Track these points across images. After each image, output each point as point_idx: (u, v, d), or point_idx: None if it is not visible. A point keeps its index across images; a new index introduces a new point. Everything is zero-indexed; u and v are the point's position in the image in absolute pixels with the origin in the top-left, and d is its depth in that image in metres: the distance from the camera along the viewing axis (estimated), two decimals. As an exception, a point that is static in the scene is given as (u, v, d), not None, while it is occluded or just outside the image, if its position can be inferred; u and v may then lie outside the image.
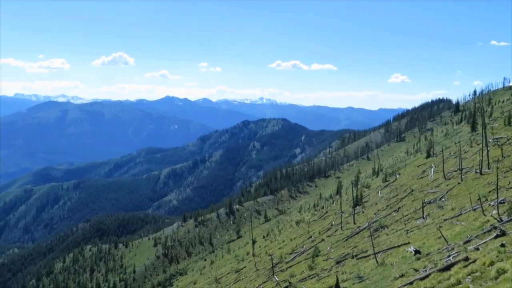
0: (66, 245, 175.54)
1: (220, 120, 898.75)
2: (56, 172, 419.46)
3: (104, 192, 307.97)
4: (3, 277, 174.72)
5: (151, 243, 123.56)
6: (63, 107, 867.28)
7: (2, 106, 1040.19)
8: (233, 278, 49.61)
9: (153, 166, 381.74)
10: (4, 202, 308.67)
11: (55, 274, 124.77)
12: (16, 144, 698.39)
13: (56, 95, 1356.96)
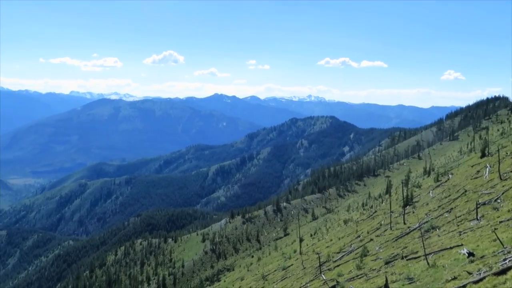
0: (118, 239, 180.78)
1: (268, 117, 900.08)
2: (108, 168, 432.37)
3: (154, 187, 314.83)
4: (59, 268, 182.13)
5: (199, 239, 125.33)
6: (115, 105, 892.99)
7: (59, 104, 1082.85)
8: (280, 276, 49.65)
9: (201, 162, 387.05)
10: (60, 196, 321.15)
11: (107, 266, 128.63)
12: (71, 140, 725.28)
13: (109, 93, 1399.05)
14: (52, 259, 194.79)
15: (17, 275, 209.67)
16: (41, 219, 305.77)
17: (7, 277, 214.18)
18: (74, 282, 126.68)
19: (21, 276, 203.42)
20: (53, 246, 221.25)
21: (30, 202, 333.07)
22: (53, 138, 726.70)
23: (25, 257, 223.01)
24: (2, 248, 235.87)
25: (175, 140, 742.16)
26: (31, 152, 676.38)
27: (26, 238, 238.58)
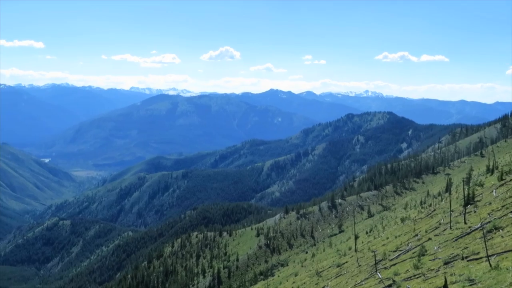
0: (175, 231, 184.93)
1: (323, 113, 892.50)
2: (166, 161, 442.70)
3: (210, 181, 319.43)
4: (119, 257, 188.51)
5: (253, 233, 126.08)
6: (173, 100, 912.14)
7: (120, 99, 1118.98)
8: (335, 272, 49.13)
9: (256, 158, 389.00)
10: (120, 188, 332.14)
11: (164, 258, 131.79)
12: (131, 134, 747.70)
13: (167, 89, 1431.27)
14: (113, 249, 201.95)
15: (80, 263, 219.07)
16: (102, 210, 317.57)
17: (71, 264, 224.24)
18: (133, 272, 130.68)
19: (84, 264, 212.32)
20: (113, 237, 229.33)
21: (92, 193, 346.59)
22: (114, 133, 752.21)
23: (87, 246, 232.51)
24: (67, 237, 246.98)
25: (231, 135, 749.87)
26: (93, 146, 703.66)
27: (89, 228, 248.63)
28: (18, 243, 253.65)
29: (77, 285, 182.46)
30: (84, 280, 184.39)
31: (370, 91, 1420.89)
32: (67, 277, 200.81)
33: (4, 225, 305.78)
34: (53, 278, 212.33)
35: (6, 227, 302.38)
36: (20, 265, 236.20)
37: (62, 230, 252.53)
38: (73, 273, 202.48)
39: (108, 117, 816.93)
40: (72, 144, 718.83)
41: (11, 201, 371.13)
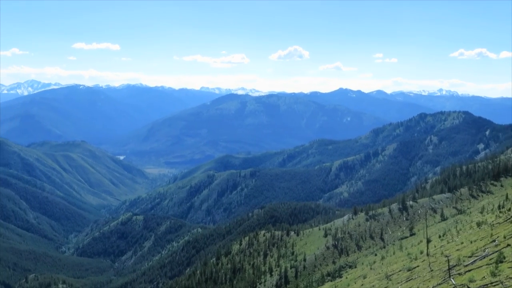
0: (243, 229, 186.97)
1: (394, 112, 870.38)
2: (235, 160, 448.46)
3: (278, 181, 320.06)
4: (188, 253, 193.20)
5: (321, 233, 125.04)
6: (242, 99, 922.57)
7: (190, 99, 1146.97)
8: (405, 276, 47.73)
9: (324, 157, 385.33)
10: (190, 186, 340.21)
11: (232, 255, 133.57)
12: (201, 133, 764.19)
13: (236, 88, 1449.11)
14: (183, 245, 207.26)
15: (152, 257, 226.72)
16: (173, 206, 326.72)
17: (143, 258, 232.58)
18: (202, 267, 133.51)
19: (155, 258, 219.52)
20: (183, 233, 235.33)
21: (163, 190, 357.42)
22: (184, 131, 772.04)
23: (159, 241, 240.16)
24: (139, 231, 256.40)
25: (299, 134, 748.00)
26: (165, 144, 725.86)
27: (160, 223, 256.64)
28: (95, 236, 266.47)
29: (149, 279, 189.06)
30: (156, 274, 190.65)
31: (444, 89, 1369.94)
32: (140, 270, 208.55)
33: (82, 218, 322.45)
34: (126, 271, 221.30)
35: (84, 221, 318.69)
36: (97, 257, 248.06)
37: (136, 225, 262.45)
38: (145, 267, 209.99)
39: (179, 116, 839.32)
40: (145, 142, 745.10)
41: (88, 196, 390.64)
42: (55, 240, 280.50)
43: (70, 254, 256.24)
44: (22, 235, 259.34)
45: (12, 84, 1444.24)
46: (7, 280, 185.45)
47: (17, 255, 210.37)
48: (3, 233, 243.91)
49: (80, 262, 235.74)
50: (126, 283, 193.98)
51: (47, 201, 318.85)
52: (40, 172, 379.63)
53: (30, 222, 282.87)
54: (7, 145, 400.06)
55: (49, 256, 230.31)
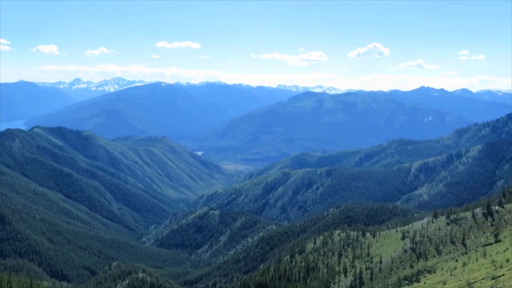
0: (317, 228, 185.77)
1: (480, 112, 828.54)
2: (310, 158, 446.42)
3: (354, 180, 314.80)
4: (262, 249, 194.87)
5: (398, 236, 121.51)
6: (319, 98, 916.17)
7: (267, 96, 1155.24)
8: (488, 285, 45.30)
9: (403, 158, 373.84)
10: (266, 183, 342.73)
11: (306, 253, 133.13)
12: (277, 130, 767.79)
13: (314, 86, 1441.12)
14: (257, 241, 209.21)
15: (227, 251, 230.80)
16: (248, 202, 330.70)
17: (219, 252, 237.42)
18: (276, 264, 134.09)
19: (230, 253, 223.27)
20: (258, 229, 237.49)
21: (239, 186, 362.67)
22: (261, 129, 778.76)
23: (234, 236, 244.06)
24: (215, 226, 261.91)
25: (377, 133, 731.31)
26: (242, 141, 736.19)
27: (235, 219, 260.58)
28: (173, 228, 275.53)
29: (223, 272, 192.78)
30: (230, 268, 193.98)
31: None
32: (215, 263, 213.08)
33: (162, 211, 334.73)
34: (202, 264, 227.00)
35: (163, 213, 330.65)
36: (175, 249, 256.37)
37: (212, 220, 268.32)
38: (221, 261, 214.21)
39: (256, 113, 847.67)
40: (223, 138, 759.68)
41: (168, 190, 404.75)
42: (136, 231, 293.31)
43: (150, 245, 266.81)
44: (107, 225, 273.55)
45: (100, 82, 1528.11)
46: (93, 266, 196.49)
47: (102, 243, 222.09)
48: (89, 222, 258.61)
49: (159, 253, 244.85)
50: (202, 275, 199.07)
51: (129, 193, 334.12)
52: (124, 165, 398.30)
53: (114, 212, 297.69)
54: (95, 139, 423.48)
55: (131, 245, 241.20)
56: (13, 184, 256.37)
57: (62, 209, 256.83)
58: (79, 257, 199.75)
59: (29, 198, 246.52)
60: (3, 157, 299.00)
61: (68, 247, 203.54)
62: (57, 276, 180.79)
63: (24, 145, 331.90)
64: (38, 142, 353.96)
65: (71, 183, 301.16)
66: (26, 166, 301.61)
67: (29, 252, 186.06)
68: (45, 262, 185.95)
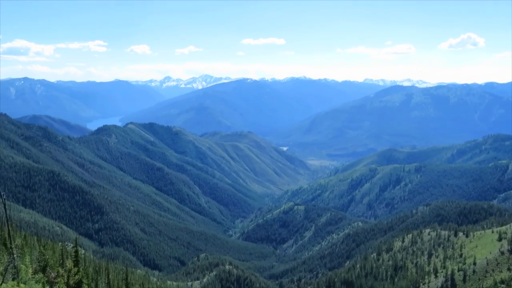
0: (405, 226, 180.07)
1: None
2: (398, 154, 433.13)
3: (445, 177, 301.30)
4: (348, 246, 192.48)
5: (494, 237, 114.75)
6: (407, 91, 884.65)
7: (353, 91, 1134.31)
8: None
9: (501, 154, 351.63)
10: (351, 179, 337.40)
11: (394, 252, 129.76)
12: (363, 126, 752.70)
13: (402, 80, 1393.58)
14: (342, 237, 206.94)
15: (312, 247, 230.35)
16: (333, 198, 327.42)
17: (303, 248, 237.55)
18: (362, 262, 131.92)
19: (315, 249, 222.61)
20: (343, 225, 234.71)
21: (324, 182, 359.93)
22: (346, 124, 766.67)
23: (319, 232, 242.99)
24: (300, 221, 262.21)
25: (471, 128, 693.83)
26: (327, 136, 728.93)
27: (320, 215, 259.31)
28: (259, 222, 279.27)
29: (308, 268, 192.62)
30: (315, 263, 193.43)
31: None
32: (300, 259, 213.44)
33: (247, 205, 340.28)
34: (287, 258, 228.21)
35: (249, 207, 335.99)
36: (260, 243, 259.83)
37: (297, 215, 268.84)
38: (305, 256, 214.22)
39: (341, 108, 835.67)
40: (308, 134, 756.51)
41: (253, 184, 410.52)
42: (223, 224, 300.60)
43: (236, 238, 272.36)
44: (195, 217, 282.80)
45: (188, 79, 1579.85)
46: (182, 257, 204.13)
47: (190, 235, 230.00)
48: (179, 214, 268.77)
49: (245, 246, 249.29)
50: (287, 270, 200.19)
51: (217, 187, 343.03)
52: (211, 160, 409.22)
53: (202, 205, 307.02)
54: (184, 135, 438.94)
55: (218, 238, 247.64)
56: (109, 177, 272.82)
57: (154, 202, 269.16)
58: (169, 248, 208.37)
59: (124, 191, 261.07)
60: (101, 151, 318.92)
61: (160, 238, 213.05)
62: (149, 265, 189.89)
63: (120, 140, 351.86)
64: (132, 137, 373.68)
65: (162, 177, 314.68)
66: (121, 160, 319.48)
67: (124, 242, 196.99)
68: (139, 252, 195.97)
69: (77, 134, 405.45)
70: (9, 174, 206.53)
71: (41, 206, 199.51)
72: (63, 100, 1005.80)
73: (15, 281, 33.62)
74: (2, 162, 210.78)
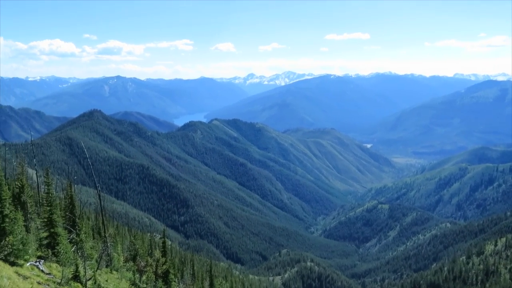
0: (498, 229, 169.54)
1: None
2: (491, 153, 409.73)
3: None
4: (435, 248, 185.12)
5: None
6: (502, 86, 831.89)
7: (442, 86, 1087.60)
8: None
9: None
10: (439, 178, 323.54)
11: (485, 256, 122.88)
12: (453, 123, 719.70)
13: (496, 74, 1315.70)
14: (429, 238, 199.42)
15: (396, 247, 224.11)
16: (419, 198, 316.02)
17: (387, 247, 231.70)
18: (450, 265, 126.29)
19: (400, 249, 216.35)
20: (430, 226, 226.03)
21: (410, 180, 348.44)
22: (434, 121, 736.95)
23: (403, 232, 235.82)
24: (384, 220, 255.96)
25: None
26: (413, 133, 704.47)
27: (406, 214, 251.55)
28: (341, 220, 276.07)
29: (392, 268, 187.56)
30: (400, 264, 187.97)
31: None
32: (383, 258, 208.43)
33: (329, 202, 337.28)
34: (370, 258, 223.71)
35: (331, 205, 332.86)
36: (342, 241, 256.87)
37: (380, 214, 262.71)
38: (389, 256, 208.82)
39: (429, 104, 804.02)
40: (392, 131, 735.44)
41: (336, 182, 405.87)
42: (304, 221, 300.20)
43: (317, 235, 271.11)
44: (277, 213, 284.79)
45: (271, 76, 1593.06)
46: (264, 252, 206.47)
47: (272, 230, 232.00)
48: (261, 210, 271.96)
49: (327, 244, 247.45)
50: (370, 269, 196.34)
51: (299, 183, 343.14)
52: (294, 156, 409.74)
53: (284, 201, 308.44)
54: (267, 131, 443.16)
55: (300, 234, 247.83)
56: (195, 171, 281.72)
57: (237, 196, 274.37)
58: (251, 242, 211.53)
59: (208, 185, 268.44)
60: (187, 147, 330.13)
61: (242, 232, 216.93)
62: (232, 258, 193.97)
63: (205, 136, 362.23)
64: (216, 133, 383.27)
65: (245, 172, 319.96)
66: (206, 155, 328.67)
67: (208, 235, 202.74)
68: (222, 245, 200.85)
69: (164, 130, 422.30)
70: (103, 167, 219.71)
71: (132, 198, 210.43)
72: (152, 97, 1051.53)
73: (109, 268, 35.65)
74: (97, 156, 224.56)
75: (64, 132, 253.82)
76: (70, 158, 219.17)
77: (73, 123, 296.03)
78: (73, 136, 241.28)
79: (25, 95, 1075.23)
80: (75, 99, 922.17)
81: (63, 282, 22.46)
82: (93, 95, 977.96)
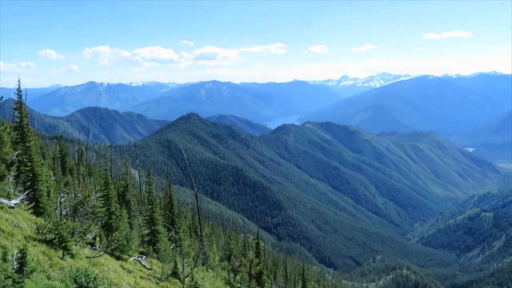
0: None
1: None
2: None
3: None
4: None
5: None
6: None
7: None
8: None
9: None
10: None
11: None
12: None
13: None
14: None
15: (502, 258, 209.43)
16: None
17: (492, 258, 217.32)
18: None
19: (506, 260, 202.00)
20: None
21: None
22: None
23: (510, 242, 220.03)
24: (488, 229, 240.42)
25: None
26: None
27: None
28: (440, 228, 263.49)
29: (497, 281, 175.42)
30: (506, 277, 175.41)
31: None
32: (487, 270, 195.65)
33: (427, 208, 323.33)
34: (472, 268, 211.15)
35: (429, 211, 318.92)
36: (441, 249, 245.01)
37: (484, 222, 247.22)
38: (494, 268, 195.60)
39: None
40: (497, 134, 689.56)
41: (434, 187, 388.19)
42: (400, 227, 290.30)
43: (414, 242, 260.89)
44: (371, 218, 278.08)
45: (366, 78, 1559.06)
46: (357, 257, 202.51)
47: (366, 235, 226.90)
48: (354, 214, 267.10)
49: (424, 252, 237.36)
50: (472, 281, 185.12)
51: (394, 188, 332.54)
52: (389, 160, 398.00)
53: (379, 206, 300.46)
54: (360, 134, 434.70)
55: (395, 241, 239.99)
56: (287, 174, 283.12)
57: (330, 200, 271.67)
58: (344, 247, 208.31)
59: (301, 188, 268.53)
60: (279, 149, 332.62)
61: (335, 236, 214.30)
62: (324, 262, 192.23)
63: (297, 139, 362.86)
64: (309, 136, 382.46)
65: (338, 176, 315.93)
66: (299, 158, 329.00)
67: (301, 237, 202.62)
68: (314, 248, 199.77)
69: (258, 133, 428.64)
70: (199, 168, 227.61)
71: (226, 199, 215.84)
72: (245, 100, 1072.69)
73: (205, 266, 36.63)
74: (194, 157, 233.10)
75: (164, 135, 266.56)
76: (169, 159, 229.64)
77: (171, 126, 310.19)
78: (172, 138, 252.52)
79: (129, 100, 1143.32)
80: (174, 103, 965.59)
81: (163, 277, 23.36)
82: (190, 99, 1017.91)
